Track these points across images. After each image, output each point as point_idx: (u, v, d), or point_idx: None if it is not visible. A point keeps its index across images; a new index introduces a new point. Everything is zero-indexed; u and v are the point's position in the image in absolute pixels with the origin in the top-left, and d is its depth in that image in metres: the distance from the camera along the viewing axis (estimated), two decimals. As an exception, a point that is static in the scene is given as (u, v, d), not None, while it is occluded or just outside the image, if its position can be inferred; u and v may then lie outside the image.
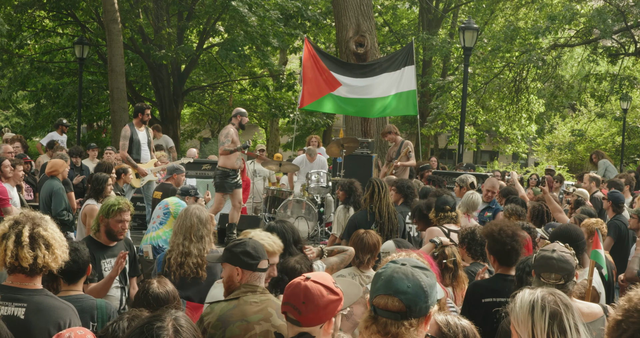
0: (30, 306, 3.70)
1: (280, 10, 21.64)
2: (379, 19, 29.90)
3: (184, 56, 23.51)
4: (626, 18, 21.44)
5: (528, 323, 3.08)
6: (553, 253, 4.10)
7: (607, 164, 15.41)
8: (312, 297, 2.99)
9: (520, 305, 3.11)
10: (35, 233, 3.68)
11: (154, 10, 23.95)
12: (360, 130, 16.56)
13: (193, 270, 5.30)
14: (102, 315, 4.37)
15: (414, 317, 2.61)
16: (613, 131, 36.20)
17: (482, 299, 4.77)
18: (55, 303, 3.80)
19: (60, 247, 3.77)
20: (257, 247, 4.06)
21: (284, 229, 5.55)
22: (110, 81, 19.90)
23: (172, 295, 4.13)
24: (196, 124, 36.87)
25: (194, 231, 5.37)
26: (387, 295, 2.61)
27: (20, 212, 3.83)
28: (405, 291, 2.59)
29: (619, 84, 23.37)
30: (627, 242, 8.69)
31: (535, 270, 4.13)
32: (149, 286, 4.13)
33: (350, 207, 8.99)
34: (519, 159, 42.52)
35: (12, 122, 31.06)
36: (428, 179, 11.89)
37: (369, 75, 14.21)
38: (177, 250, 5.32)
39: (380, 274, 2.69)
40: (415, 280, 2.62)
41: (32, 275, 3.74)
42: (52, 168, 9.27)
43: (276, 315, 3.87)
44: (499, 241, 5.05)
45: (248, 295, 3.94)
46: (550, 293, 3.13)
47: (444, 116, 28.60)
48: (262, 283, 4.06)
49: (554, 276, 4.04)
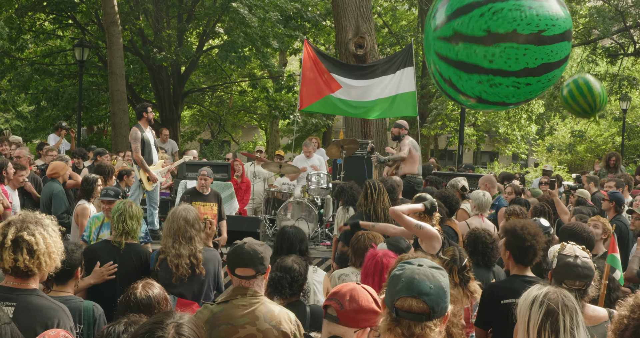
0: (20, 305, 3.72)
1: (280, 12, 21.67)
2: (378, 21, 29.93)
3: (184, 58, 23.54)
4: (625, 19, 21.50)
5: (525, 316, 3.13)
6: (577, 260, 4.07)
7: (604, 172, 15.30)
8: (357, 297, 3.05)
9: (525, 297, 3.14)
10: (19, 236, 3.68)
11: (153, 12, 23.98)
12: (360, 131, 16.56)
13: (187, 270, 5.42)
14: (89, 317, 4.39)
15: (437, 317, 2.65)
16: (613, 131, 36.23)
17: (501, 300, 4.69)
18: (45, 303, 3.80)
19: (47, 253, 3.73)
20: (240, 253, 4.06)
21: (295, 236, 5.71)
22: (111, 83, 19.93)
23: (156, 299, 4.12)
24: (196, 126, 36.90)
25: (181, 233, 5.48)
26: (410, 297, 2.63)
27: (19, 214, 3.85)
28: (429, 293, 2.62)
29: (618, 84, 23.39)
30: (627, 243, 8.73)
31: (556, 276, 4.10)
32: (133, 291, 4.14)
33: (349, 207, 9.00)
34: (519, 159, 42.52)
35: (12, 125, 31.04)
36: (427, 180, 11.91)
37: (368, 77, 14.22)
38: (171, 253, 5.45)
39: (399, 276, 2.70)
40: (436, 281, 2.65)
41: (22, 277, 3.75)
42: (53, 170, 9.29)
43: (263, 319, 3.90)
44: (520, 237, 4.92)
45: (238, 298, 3.99)
46: (555, 291, 3.14)
47: (444, 116, 28.63)
48: (257, 287, 4.06)
49: (577, 284, 4.04)
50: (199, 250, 5.47)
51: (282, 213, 11.50)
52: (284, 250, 5.61)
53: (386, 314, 2.72)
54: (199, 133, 36.26)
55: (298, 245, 5.70)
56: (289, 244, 5.69)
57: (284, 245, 5.70)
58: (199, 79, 29.80)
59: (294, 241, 5.71)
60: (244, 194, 13.13)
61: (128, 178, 10.10)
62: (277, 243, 5.81)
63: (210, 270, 5.54)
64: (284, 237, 5.76)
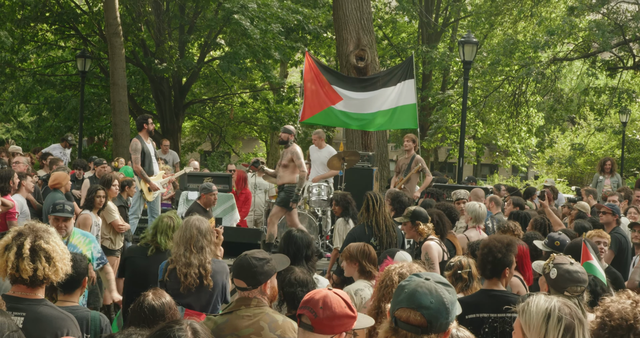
0: (29, 315, 3.75)
1: (282, 24, 21.76)
2: (379, 33, 30.01)
3: (185, 69, 23.60)
4: (624, 32, 21.58)
5: (541, 331, 3.05)
6: (574, 266, 4.11)
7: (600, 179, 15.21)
8: (330, 304, 3.04)
9: (536, 310, 3.07)
10: (36, 245, 3.74)
11: (155, 23, 24.06)
12: (360, 143, 16.59)
13: (195, 280, 5.32)
14: (95, 327, 4.41)
15: (434, 333, 2.66)
16: (612, 144, 36.26)
17: (465, 315, 4.67)
18: (54, 313, 3.84)
19: (61, 260, 3.82)
20: (239, 265, 4.09)
21: (301, 240, 5.70)
22: (112, 94, 19.99)
23: (167, 306, 4.14)
24: (197, 137, 36.91)
25: (193, 242, 5.40)
26: (409, 309, 2.66)
27: (26, 224, 3.89)
28: (428, 307, 2.64)
29: (617, 98, 23.45)
30: (626, 255, 8.78)
31: (558, 285, 4.10)
32: (144, 299, 4.15)
33: (349, 219, 9.01)
34: (518, 172, 42.53)
35: (14, 135, 31.11)
36: (427, 192, 11.93)
37: (369, 89, 14.29)
38: (180, 261, 5.37)
39: (404, 287, 2.73)
40: (439, 296, 2.67)
41: (34, 286, 3.79)
42: (55, 180, 9.32)
43: (268, 329, 3.90)
44: (483, 250, 4.98)
45: (242, 309, 4.00)
46: (565, 304, 3.11)
47: (444, 129, 28.68)
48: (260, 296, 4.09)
49: (579, 289, 4.05)
50: (208, 260, 5.41)
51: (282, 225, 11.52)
52: (290, 253, 5.54)
53: (388, 322, 2.76)
54: (199, 144, 36.28)
55: (305, 250, 5.69)
56: (296, 248, 5.68)
57: (290, 248, 5.68)
58: (200, 90, 29.85)
59: (301, 245, 5.71)
60: (242, 205, 13.13)
61: (129, 189, 10.11)
62: (284, 247, 5.77)
63: (218, 282, 5.47)
64: (291, 241, 5.75)
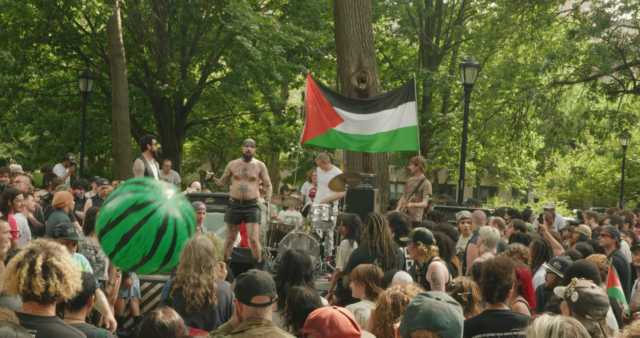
0: (40, 332, 3.75)
1: (283, 45, 21.90)
2: (380, 55, 30.19)
3: (187, 90, 23.70)
4: (625, 56, 21.72)
5: None
6: (596, 290, 4.11)
7: None
8: (337, 324, 3.08)
9: (539, 328, 3.13)
10: (48, 262, 3.76)
11: (157, 45, 24.21)
12: (361, 165, 16.63)
13: (202, 299, 5.41)
14: None
15: None
16: (613, 168, 36.35)
17: (472, 336, 4.78)
18: (65, 331, 3.85)
19: (72, 277, 3.84)
20: (255, 282, 4.11)
21: (301, 260, 5.73)
22: (114, 114, 20.07)
23: (177, 324, 4.20)
24: (197, 157, 37.01)
25: (203, 263, 5.47)
26: (427, 330, 2.69)
27: (37, 241, 3.92)
28: (445, 327, 2.68)
29: (618, 121, 23.52)
30: (625, 277, 8.80)
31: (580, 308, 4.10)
32: (154, 317, 4.20)
33: (354, 241, 9.01)
34: (518, 195, 42.57)
35: (15, 155, 31.16)
36: (428, 214, 11.96)
37: (370, 111, 14.34)
38: (189, 282, 5.42)
39: (417, 307, 2.76)
40: (453, 316, 2.72)
41: (45, 303, 3.81)
42: (58, 200, 9.36)
43: None
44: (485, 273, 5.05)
45: (252, 328, 4.00)
46: (568, 321, 3.16)
47: (444, 151, 28.76)
48: (268, 315, 4.11)
49: (601, 312, 4.05)
50: (215, 279, 5.50)
51: (284, 246, 11.52)
52: (289, 273, 5.66)
53: None
54: (199, 165, 36.36)
55: (304, 269, 5.75)
56: (296, 267, 5.74)
57: (290, 268, 5.75)
58: (201, 111, 29.96)
59: (301, 264, 5.76)
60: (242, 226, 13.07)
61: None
62: (284, 266, 5.82)
63: (222, 300, 5.55)
64: (291, 260, 5.81)
